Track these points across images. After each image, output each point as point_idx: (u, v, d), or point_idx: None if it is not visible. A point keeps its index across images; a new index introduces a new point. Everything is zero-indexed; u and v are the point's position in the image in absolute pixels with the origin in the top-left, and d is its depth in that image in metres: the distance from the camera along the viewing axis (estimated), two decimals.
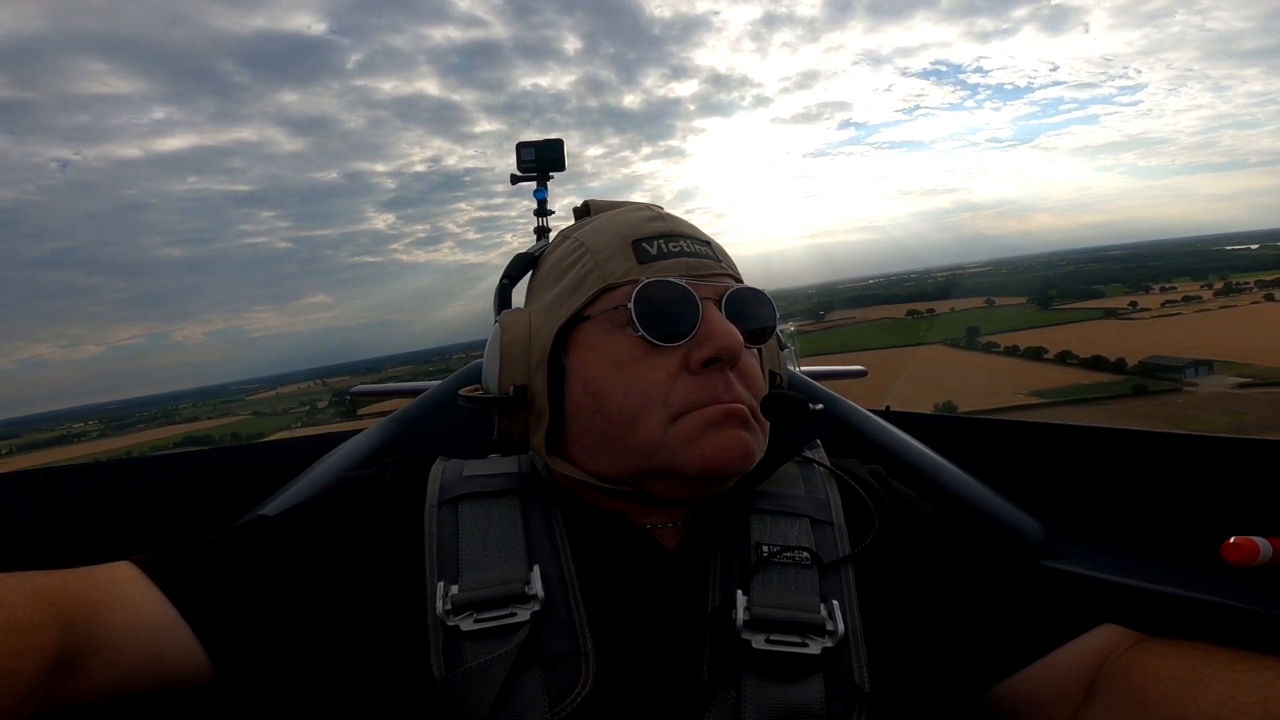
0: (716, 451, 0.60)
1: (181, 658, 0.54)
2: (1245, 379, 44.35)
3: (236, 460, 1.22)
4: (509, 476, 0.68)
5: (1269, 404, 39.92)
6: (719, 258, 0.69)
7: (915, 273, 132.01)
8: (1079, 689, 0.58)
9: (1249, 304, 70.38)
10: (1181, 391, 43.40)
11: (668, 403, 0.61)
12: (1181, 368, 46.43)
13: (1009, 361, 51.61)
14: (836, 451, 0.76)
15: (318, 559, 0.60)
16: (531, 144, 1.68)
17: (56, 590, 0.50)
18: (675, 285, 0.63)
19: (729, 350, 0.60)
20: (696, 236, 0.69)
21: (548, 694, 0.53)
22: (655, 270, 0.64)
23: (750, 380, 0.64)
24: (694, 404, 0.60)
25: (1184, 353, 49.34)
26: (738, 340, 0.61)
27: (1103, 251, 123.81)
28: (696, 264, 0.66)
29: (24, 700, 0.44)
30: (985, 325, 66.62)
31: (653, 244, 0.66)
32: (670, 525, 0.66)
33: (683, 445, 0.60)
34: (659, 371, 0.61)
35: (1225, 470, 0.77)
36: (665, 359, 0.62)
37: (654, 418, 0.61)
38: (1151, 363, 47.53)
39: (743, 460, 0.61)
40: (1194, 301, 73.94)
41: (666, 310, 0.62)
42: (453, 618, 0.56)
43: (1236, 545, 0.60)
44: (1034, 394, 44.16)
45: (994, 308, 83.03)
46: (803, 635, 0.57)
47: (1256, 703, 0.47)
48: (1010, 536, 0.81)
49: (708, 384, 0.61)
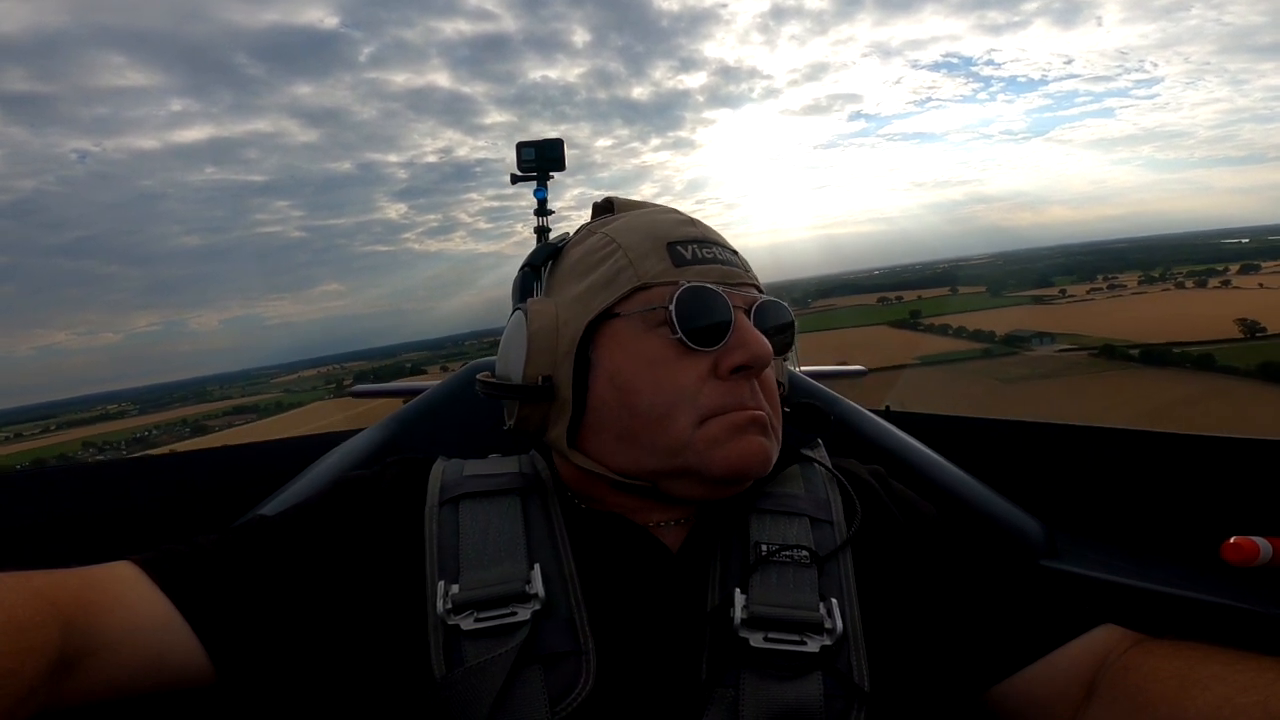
0: (741, 455, 0.61)
1: (182, 657, 0.54)
2: (1068, 346, 52.88)
3: (236, 460, 1.21)
4: (510, 476, 0.68)
5: (1066, 361, 48.60)
6: (745, 268, 0.70)
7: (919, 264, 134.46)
8: (1078, 689, 0.58)
9: (1159, 291, 78.72)
10: (1018, 355, 51.47)
11: (697, 404, 0.61)
12: (1028, 338, 55.57)
13: (923, 335, 62.31)
14: (836, 451, 0.76)
15: (318, 559, 0.61)
16: (531, 144, 1.67)
17: (56, 590, 0.50)
18: (713, 291, 0.64)
19: (759, 359, 0.62)
20: (726, 245, 0.70)
21: (548, 693, 0.53)
22: (691, 274, 0.65)
23: (769, 389, 0.66)
24: (722, 408, 0.62)
25: (1066, 329, 58.69)
26: (768, 350, 0.63)
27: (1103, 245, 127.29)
28: (729, 272, 0.67)
29: (24, 700, 0.44)
30: (932, 310, 75.73)
31: (687, 248, 0.67)
32: (673, 525, 0.66)
33: (708, 447, 0.61)
34: (690, 373, 0.62)
35: (1225, 470, 0.77)
36: (697, 362, 0.63)
37: (684, 418, 0.61)
38: (1012, 335, 57.12)
39: (763, 465, 0.63)
40: (1118, 289, 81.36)
41: (703, 315, 0.63)
42: (453, 617, 0.56)
43: (1236, 545, 0.60)
44: (917, 357, 51.71)
45: (955, 296, 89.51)
46: (801, 633, 0.57)
47: (1256, 703, 0.47)
48: (1010, 536, 0.81)
49: (736, 390, 0.62)
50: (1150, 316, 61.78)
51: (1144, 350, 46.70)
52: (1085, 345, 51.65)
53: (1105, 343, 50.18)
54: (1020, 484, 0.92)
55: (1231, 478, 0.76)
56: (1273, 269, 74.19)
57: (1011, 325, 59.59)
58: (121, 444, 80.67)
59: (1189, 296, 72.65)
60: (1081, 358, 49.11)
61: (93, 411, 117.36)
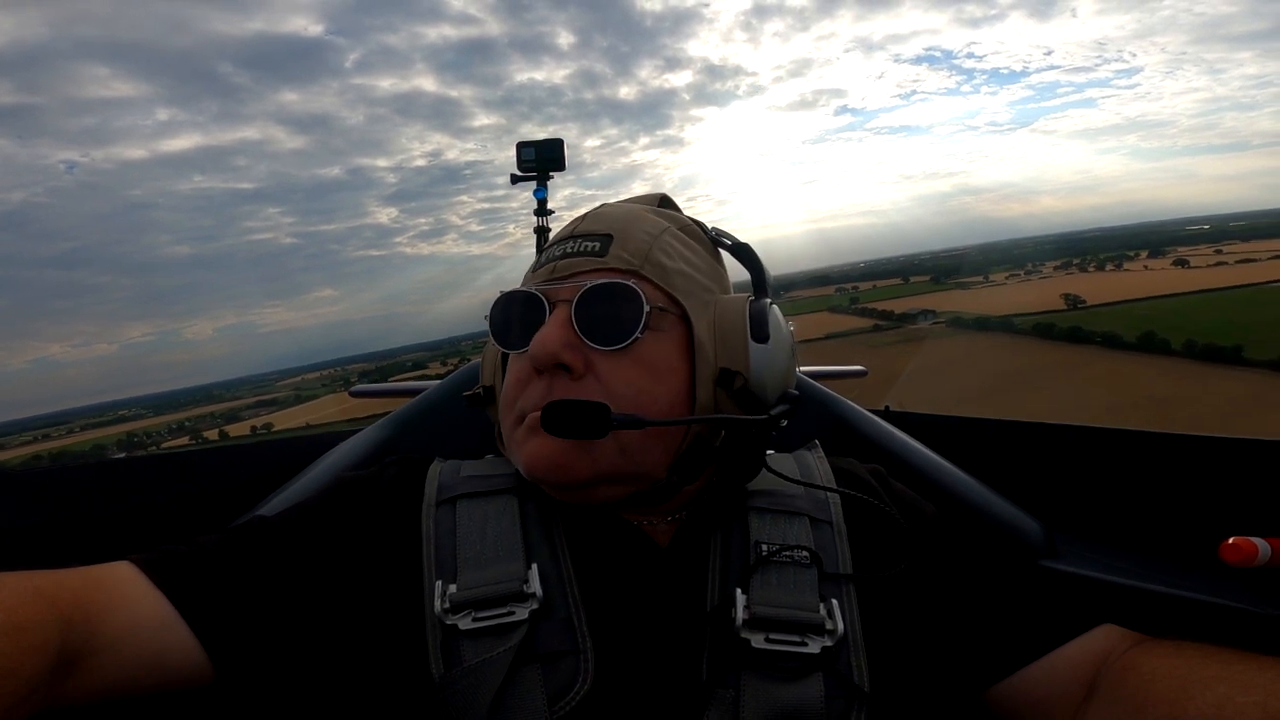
0: (529, 457, 0.61)
1: (181, 657, 0.54)
2: (938, 321, 63.16)
3: (236, 460, 1.21)
4: (507, 476, 0.68)
5: (928, 331, 58.04)
6: (606, 252, 0.64)
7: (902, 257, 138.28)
8: (1078, 689, 0.58)
9: (1064, 276, 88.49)
10: (901, 329, 59.79)
11: (515, 407, 0.64)
12: (915, 315, 64.57)
13: (845, 317, 69.88)
14: (836, 451, 0.76)
15: (316, 559, 0.61)
16: (531, 144, 1.66)
17: (56, 590, 0.50)
18: (519, 294, 0.66)
19: (537, 358, 0.61)
20: (595, 233, 0.66)
21: (546, 692, 0.53)
22: (533, 278, 0.68)
23: (611, 384, 0.61)
24: (526, 410, 0.63)
25: (955, 308, 68.54)
26: (547, 347, 0.60)
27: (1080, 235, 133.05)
28: (566, 265, 0.65)
29: (25, 700, 0.44)
30: (872, 297, 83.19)
31: (549, 251, 0.69)
32: (665, 523, 0.66)
33: (515, 448, 0.64)
34: (513, 376, 0.65)
35: (1225, 470, 0.77)
36: (520, 364, 0.65)
37: (506, 421, 0.66)
38: (905, 313, 65.25)
39: (550, 470, 0.60)
40: (1035, 275, 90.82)
41: (511, 319, 0.65)
42: (451, 616, 0.56)
43: (1235, 546, 0.60)
44: (826, 333, 58.28)
45: (905, 284, 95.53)
46: (802, 634, 0.57)
47: (1255, 703, 0.47)
48: (1010, 537, 0.81)
49: (534, 391, 0.62)
50: (1020, 298, 73.79)
51: (979, 320, 59.79)
52: (948, 320, 62.94)
53: (954, 316, 62.82)
54: (1020, 484, 0.92)
55: (1231, 478, 0.76)
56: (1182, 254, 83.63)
57: (920, 306, 70.08)
58: (161, 433, 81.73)
59: (1078, 279, 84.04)
60: (940, 328, 60.78)
61: (106, 416, 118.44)
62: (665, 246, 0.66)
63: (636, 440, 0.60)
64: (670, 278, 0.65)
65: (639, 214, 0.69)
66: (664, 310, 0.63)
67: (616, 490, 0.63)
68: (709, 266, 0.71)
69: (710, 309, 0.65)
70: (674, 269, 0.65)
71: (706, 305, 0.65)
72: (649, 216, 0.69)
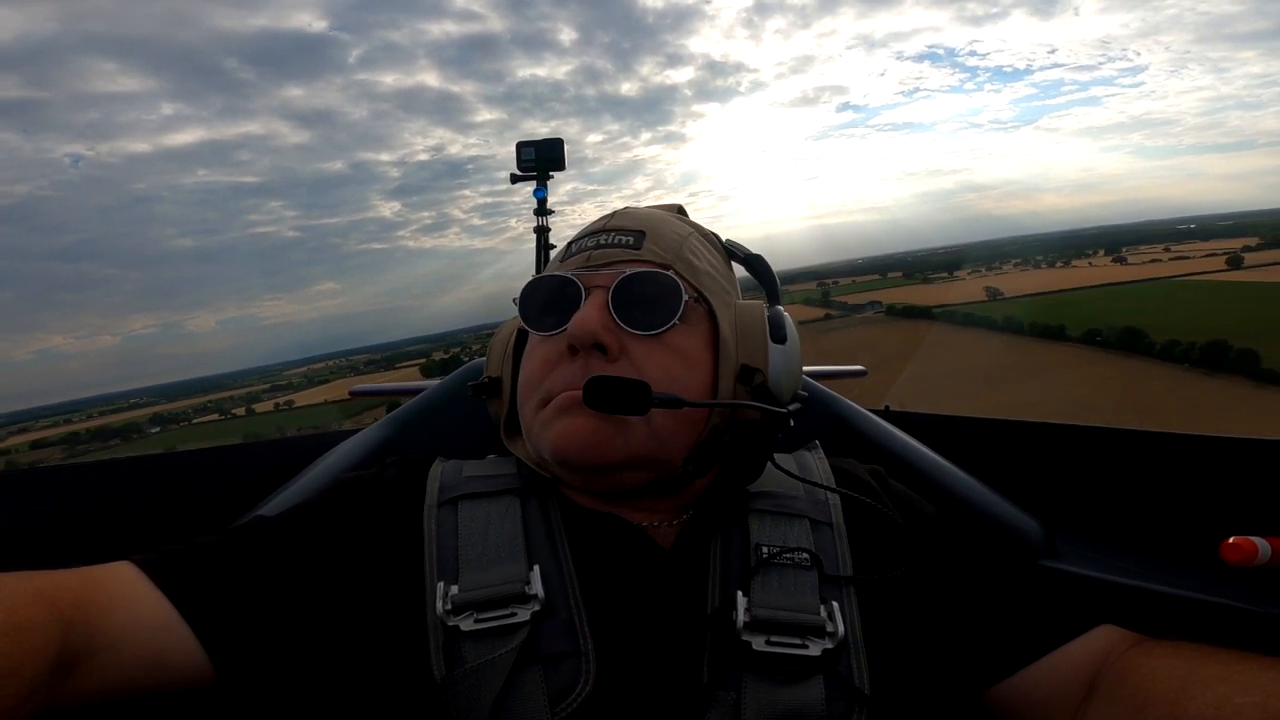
0: (559, 437, 0.61)
1: (181, 658, 0.54)
2: (881, 310, 72.39)
3: (236, 460, 1.21)
4: (508, 477, 0.68)
5: (870, 319, 68.58)
6: (640, 246, 0.67)
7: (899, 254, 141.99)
8: (1078, 690, 0.58)
9: (1018, 272, 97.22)
10: (850, 317, 69.77)
11: (541, 388, 0.64)
12: (865, 306, 74.81)
13: (811, 308, 77.18)
14: (836, 451, 0.76)
15: (317, 559, 0.61)
16: (531, 143, 1.66)
17: (57, 590, 0.50)
18: (555, 278, 0.66)
19: (575, 336, 0.62)
20: (628, 229, 0.69)
21: (548, 694, 0.53)
22: (563, 266, 0.69)
23: (644, 367, 0.62)
24: (556, 390, 0.62)
25: (906, 300, 75.92)
26: (587, 325, 0.61)
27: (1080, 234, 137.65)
28: (601, 255, 0.67)
29: (25, 700, 0.44)
30: (846, 291, 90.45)
31: (580, 242, 0.70)
32: (667, 524, 0.66)
33: (541, 429, 0.63)
34: (539, 359, 0.65)
35: (1225, 470, 0.77)
36: (548, 348, 0.65)
37: (530, 403, 0.66)
38: (857, 304, 75.13)
39: (584, 449, 0.60)
40: (995, 270, 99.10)
41: (545, 302, 0.66)
42: (453, 618, 0.56)
43: (1235, 545, 0.60)
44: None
45: (883, 279, 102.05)
46: (803, 637, 0.57)
47: (1255, 704, 0.47)
48: (1010, 536, 0.81)
49: (567, 371, 0.63)
50: (965, 291, 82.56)
51: (908, 309, 69.38)
52: (886, 310, 73.39)
53: (889, 307, 72.13)
54: (1020, 484, 0.92)
55: (1231, 478, 0.76)
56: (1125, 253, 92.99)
57: (875, 299, 78.65)
58: (189, 414, 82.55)
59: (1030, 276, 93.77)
60: (880, 316, 70.87)
61: (118, 404, 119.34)
62: (693, 248, 0.70)
63: (669, 424, 0.62)
64: (699, 276, 0.68)
65: (666, 217, 0.73)
66: (696, 302, 0.66)
67: (639, 476, 0.64)
68: (726, 272, 0.74)
69: (731, 309, 0.68)
70: (701, 269, 0.69)
71: (728, 306, 0.68)
72: (675, 220, 0.73)
